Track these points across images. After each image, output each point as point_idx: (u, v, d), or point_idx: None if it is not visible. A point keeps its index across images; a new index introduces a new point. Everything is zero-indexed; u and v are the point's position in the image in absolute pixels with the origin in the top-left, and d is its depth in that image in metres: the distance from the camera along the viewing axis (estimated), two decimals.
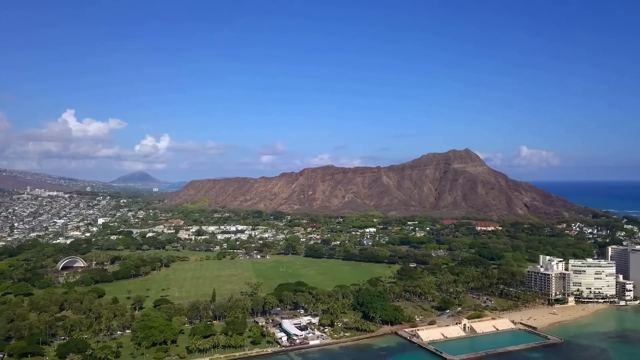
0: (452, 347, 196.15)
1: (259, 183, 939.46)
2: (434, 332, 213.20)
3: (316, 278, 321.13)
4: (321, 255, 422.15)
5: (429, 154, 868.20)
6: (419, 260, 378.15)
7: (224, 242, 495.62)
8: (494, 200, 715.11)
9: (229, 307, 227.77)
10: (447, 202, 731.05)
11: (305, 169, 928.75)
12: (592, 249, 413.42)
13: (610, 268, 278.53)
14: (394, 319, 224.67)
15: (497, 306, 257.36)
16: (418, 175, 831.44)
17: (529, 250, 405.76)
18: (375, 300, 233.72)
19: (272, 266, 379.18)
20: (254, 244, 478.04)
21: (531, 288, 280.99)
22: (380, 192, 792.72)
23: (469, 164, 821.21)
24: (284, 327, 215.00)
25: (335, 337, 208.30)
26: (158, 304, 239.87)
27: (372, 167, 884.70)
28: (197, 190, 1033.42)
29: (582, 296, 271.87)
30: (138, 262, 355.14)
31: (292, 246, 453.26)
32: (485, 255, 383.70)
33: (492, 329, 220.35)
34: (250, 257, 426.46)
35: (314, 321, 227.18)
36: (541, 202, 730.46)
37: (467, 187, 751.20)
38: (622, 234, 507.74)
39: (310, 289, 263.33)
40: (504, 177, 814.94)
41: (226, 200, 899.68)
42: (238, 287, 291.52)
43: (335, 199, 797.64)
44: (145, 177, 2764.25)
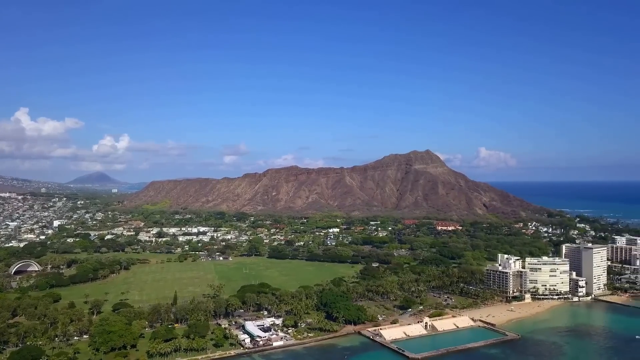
0: (414, 346, 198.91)
1: (221, 184, 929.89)
2: (397, 331, 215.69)
3: (280, 279, 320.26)
4: (285, 256, 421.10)
5: (391, 155, 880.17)
6: (381, 260, 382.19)
7: (186, 244, 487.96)
8: (454, 201, 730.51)
9: (191, 310, 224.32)
10: (409, 202, 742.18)
11: (269, 169, 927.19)
12: (548, 247, 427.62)
13: (564, 266, 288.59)
14: (357, 318, 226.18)
15: (458, 304, 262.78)
16: (380, 175, 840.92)
17: (487, 249, 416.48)
18: (339, 300, 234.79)
19: (235, 268, 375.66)
20: (217, 246, 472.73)
21: (490, 286, 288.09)
22: (344, 193, 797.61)
23: (429, 165, 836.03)
24: (247, 329, 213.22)
25: (298, 337, 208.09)
26: (117, 308, 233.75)
27: (335, 167, 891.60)
28: (157, 192, 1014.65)
29: (538, 293, 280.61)
30: (96, 265, 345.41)
31: (256, 247, 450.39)
32: (446, 255, 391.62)
33: (452, 326, 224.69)
34: (213, 259, 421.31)
35: (277, 322, 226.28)
36: (499, 202, 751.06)
37: (428, 188, 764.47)
38: (575, 232, 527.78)
39: (273, 290, 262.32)
40: (463, 178, 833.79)
41: (188, 202, 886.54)
42: (200, 289, 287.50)
43: (299, 199, 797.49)
44: (103, 178, 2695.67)
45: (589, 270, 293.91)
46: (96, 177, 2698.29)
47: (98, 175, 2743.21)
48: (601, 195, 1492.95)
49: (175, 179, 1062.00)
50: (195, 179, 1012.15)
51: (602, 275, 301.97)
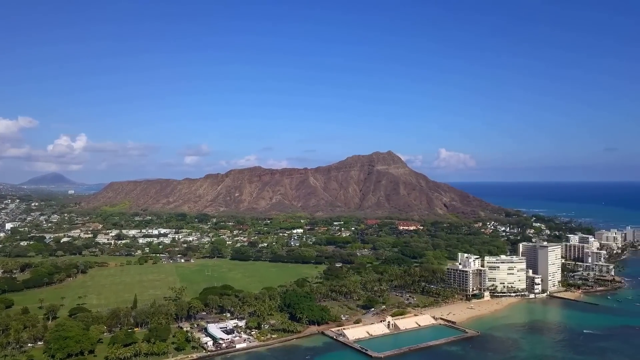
0: (377, 345, 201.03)
1: (182, 185, 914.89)
2: (360, 330, 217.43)
3: (243, 281, 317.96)
4: (248, 258, 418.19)
5: (354, 156, 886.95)
6: (344, 260, 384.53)
7: (146, 246, 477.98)
8: (416, 201, 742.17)
9: (151, 313, 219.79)
10: (371, 203, 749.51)
11: (231, 170, 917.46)
12: (505, 246, 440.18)
13: (521, 264, 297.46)
14: (320, 318, 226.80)
15: (419, 303, 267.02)
16: (344, 176, 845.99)
17: (448, 248, 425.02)
18: (302, 301, 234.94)
19: (197, 270, 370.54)
20: (178, 248, 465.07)
21: (451, 284, 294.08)
22: (308, 194, 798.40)
23: (391, 166, 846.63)
24: (209, 332, 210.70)
25: (262, 339, 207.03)
26: (74, 313, 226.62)
27: (299, 168, 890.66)
28: (116, 193, 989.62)
29: (496, 291, 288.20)
30: (51, 269, 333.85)
31: (218, 249, 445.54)
32: (408, 254, 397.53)
33: (414, 325, 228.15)
34: (174, 261, 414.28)
35: (240, 324, 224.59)
36: (459, 202, 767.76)
37: (390, 188, 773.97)
38: (532, 231, 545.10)
39: (236, 292, 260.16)
40: (424, 179, 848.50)
41: (148, 203, 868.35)
42: (161, 292, 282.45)
43: (262, 200, 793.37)
44: (59, 178, 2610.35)
45: (545, 268, 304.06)
46: (51, 178, 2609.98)
47: (53, 176, 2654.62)
48: (556, 196, 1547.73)
49: (135, 179, 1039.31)
50: (155, 179, 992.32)
51: (556, 273, 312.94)
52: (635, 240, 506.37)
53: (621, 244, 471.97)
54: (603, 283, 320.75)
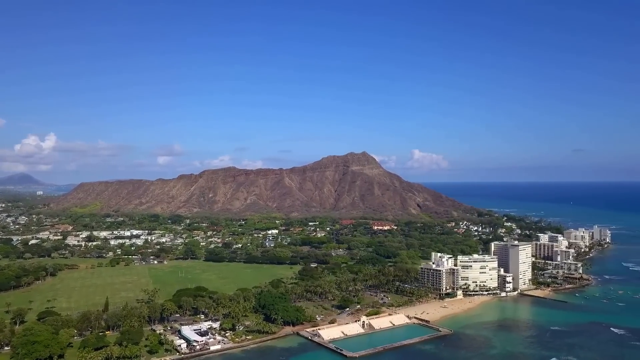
0: (352, 345, 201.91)
1: (155, 185, 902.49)
2: (335, 330, 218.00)
3: (217, 282, 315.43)
4: (222, 259, 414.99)
5: (329, 157, 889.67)
6: (319, 260, 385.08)
7: (118, 247, 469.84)
8: (390, 201, 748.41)
9: (123, 316, 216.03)
10: (346, 203, 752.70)
11: (205, 170, 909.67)
12: (478, 245, 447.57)
13: (493, 263, 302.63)
14: (295, 319, 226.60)
15: (394, 302, 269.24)
16: (319, 177, 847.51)
17: (421, 247, 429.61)
18: (277, 302, 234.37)
19: (170, 271, 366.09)
20: (151, 249, 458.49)
21: (424, 284, 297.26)
22: (283, 194, 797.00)
23: (366, 167, 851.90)
24: (183, 334, 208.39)
25: (236, 340, 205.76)
26: (43, 317, 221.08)
27: (274, 169, 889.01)
28: (87, 194, 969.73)
29: (469, 289, 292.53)
30: (19, 272, 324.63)
31: (192, 250, 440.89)
32: (382, 254, 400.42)
33: (389, 324, 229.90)
34: (147, 263, 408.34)
35: (215, 326, 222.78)
36: (432, 202, 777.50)
37: (365, 189, 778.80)
38: (503, 230, 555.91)
39: (210, 293, 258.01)
40: (398, 179, 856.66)
41: (120, 204, 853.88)
42: (134, 294, 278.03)
43: (237, 201, 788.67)
44: (27, 179, 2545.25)
45: (516, 267, 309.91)
46: (19, 178, 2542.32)
47: (21, 176, 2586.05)
48: (526, 196, 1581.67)
49: (106, 180, 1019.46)
50: (127, 180, 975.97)
51: (527, 271, 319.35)
52: (601, 239, 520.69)
53: (588, 243, 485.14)
54: (571, 281, 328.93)
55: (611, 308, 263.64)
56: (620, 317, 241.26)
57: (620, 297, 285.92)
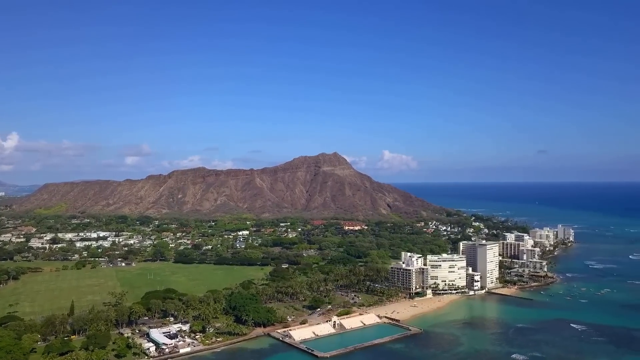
0: (323, 345, 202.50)
1: (123, 186, 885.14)
2: (306, 331, 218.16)
3: (187, 284, 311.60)
4: (192, 261, 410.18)
5: (301, 157, 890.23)
6: (290, 261, 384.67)
7: (84, 250, 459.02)
8: (360, 201, 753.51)
9: (89, 320, 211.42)
10: (318, 203, 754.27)
11: (174, 171, 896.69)
12: (447, 244, 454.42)
13: (461, 262, 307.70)
14: (266, 320, 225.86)
15: (364, 302, 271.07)
16: (290, 177, 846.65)
17: (392, 247, 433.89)
18: (248, 303, 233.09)
19: (138, 274, 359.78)
20: (118, 251, 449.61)
21: (394, 283, 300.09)
22: (254, 195, 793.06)
23: (337, 167, 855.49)
24: (152, 337, 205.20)
25: (207, 343, 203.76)
26: (4, 322, 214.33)
27: (245, 169, 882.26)
28: (52, 195, 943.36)
29: (438, 288, 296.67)
30: None
31: (161, 252, 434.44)
32: (353, 254, 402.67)
33: (359, 324, 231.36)
34: (115, 265, 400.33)
35: (184, 328, 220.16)
36: (402, 203, 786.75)
37: (336, 189, 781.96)
38: (471, 230, 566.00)
39: (180, 295, 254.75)
40: (369, 179, 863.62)
41: (86, 205, 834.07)
42: (100, 297, 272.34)
43: (207, 202, 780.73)
44: None
45: (484, 266, 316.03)
46: None
47: None
48: (493, 196, 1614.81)
49: (72, 181, 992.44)
50: (94, 181, 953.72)
51: (494, 270, 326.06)
52: (565, 238, 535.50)
53: (553, 242, 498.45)
54: (537, 279, 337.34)
55: (574, 305, 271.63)
56: (582, 314, 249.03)
57: (582, 294, 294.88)
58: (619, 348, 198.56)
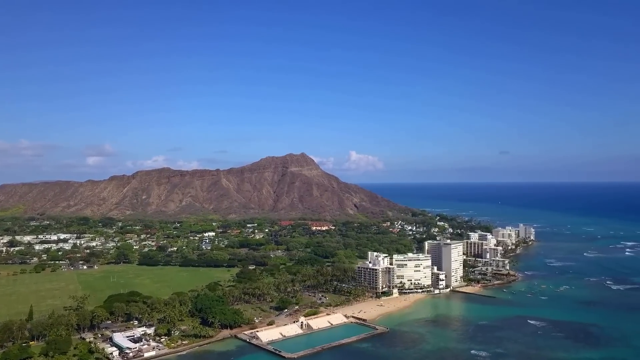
0: (290, 345, 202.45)
1: (85, 187, 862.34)
2: (273, 332, 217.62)
3: (151, 286, 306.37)
4: (157, 263, 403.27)
5: (268, 158, 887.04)
6: (258, 262, 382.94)
7: (44, 253, 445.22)
8: (328, 202, 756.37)
9: (49, 325, 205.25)
10: (285, 204, 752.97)
11: (138, 171, 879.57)
12: (412, 244, 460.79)
13: (427, 261, 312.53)
14: (233, 322, 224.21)
15: (332, 302, 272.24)
16: (257, 178, 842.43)
17: (358, 247, 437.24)
18: (215, 305, 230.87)
19: (101, 277, 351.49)
20: (80, 254, 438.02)
21: (361, 283, 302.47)
22: (220, 196, 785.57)
23: (305, 168, 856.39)
24: (115, 341, 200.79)
25: (172, 346, 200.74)
26: None
27: (211, 170, 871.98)
28: (8, 196, 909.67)
29: (404, 288, 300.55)
30: None
31: (124, 254, 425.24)
32: (320, 254, 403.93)
33: (327, 324, 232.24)
34: (76, 269, 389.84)
35: (149, 332, 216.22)
36: (369, 203, 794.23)
37: (304, 190, 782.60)
38: (436, 230, 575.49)
39: (144, 298, 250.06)
40: (336, 180, 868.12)
41: (46, 207, 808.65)
42: (61, 301, 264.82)
43: (172, 203, 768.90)
44: None
45: (448, 265, 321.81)
46: None
47: None
48: (457, 196, 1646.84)
49: (30, 182, 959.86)
50: (54, 181, 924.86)
51: (459, 269, 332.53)
52: (526, 237, 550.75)
53: (515, 240, 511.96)
54: (500, 277, 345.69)
55: (535, 302, 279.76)
56: (542, 311, 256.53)
57: (543, 292, 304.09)
58: (576, 343, 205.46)
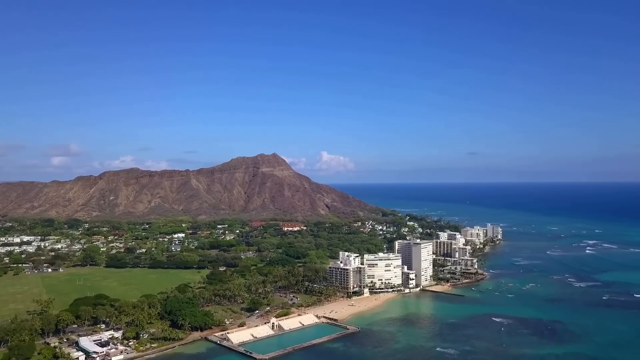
0: (261, 347, 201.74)
1: (49, 188, 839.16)
2: (244, 333, 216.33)
3: (119, 289, 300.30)
4: (125, 265, 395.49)
5: (239, 158, 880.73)
6: (228, 263, 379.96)
7: (5, 255, 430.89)
8: (299, 202, 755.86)
9: (12, 330, 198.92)
10: (256, 205, 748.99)
11: (105, 172, 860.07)
12: (383, 244, 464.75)
13: (397, 260, 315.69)
14: (204, 324, 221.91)
15: (303, 302, 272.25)
16: (228, 178, 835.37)
17: (330, 247, 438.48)
18: (184, 307, 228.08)
19: (66, 280, 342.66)
20: (44, 257, 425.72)
21: (333, 283, 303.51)
22: (190, 196, 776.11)
23: (276, 168, 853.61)
24: (81, 346, 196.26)
25: (140, 349, 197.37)
26: None
27: (180, 170, 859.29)
28: None
29: (375, 287, 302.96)
30: None
31: (91, 257, 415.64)
32: (292, 255, 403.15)
33: (298, 324, 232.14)
34: (40, 272, 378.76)
35: (117, 335, 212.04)
36: (340, 203, 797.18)
37: (275, 190, 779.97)
38: (406, 229, 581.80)
39: (112, 301, 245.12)
40: (307, 180, 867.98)
41: (8, 208, 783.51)
42: (24, 305, 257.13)
43: (140, 204, 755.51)
44: None
45: (418, 264, 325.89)
46: None
47: None
48: (426, 196, 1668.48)
49: None
50: (17, 182, 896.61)
51: (428, 268, 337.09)
52: (494, 236, 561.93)
53: (483, 240, 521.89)
54: (468, 276, 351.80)
55: (502, 300, 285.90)
56: (510, 308, 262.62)
57: (510, 290, 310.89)
58: (542, 339, 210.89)
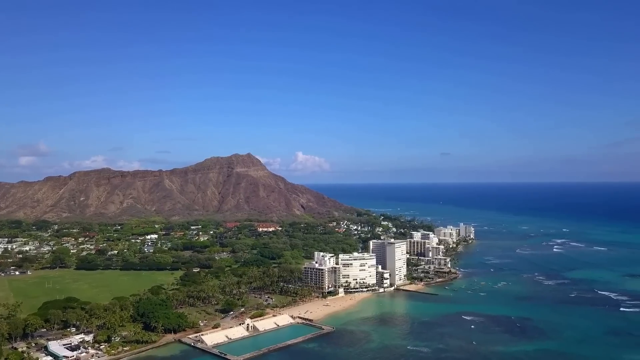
0: (236, 348, 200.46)
1: (17, 188, 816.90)
2: (218, 335, 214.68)
3: (90, 292, 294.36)
4: (96, 267, 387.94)
5: (213, 158, 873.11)
6: (202, 265, 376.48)
7: None
8: (275, 202, 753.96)
9: None
10: (231, 205, 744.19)
11: (76, 172, 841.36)
12: (357, 243, 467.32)
13: (372, 260, 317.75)
14: (177, 326, 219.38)
15: (278, 303, 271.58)
16: (202, 179, 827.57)
17: (305, 247, 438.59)
18: (158, 309, 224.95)
19: (35, 283, 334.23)
20: (12, 259, 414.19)
21: (308, 283, 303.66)
22: (163, 197, 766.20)
23: (251, 168, 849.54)
24: (50, 350, 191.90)
25: (112, 353, 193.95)
26: None
27: (153, 170, 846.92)
28: None
29: (350, 287, 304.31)
30: None
31: (61, 259, 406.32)
32: (267, 255, 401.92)
33: (273, 325, 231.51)
34: (7, 274, 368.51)
35: (87, 339, 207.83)
36: (315, 203, 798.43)
37: (250, 190, 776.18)
38: (380, 229, 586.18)
39: (83, 304, 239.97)
40: (283, 181, 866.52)
41: None
42: None
43: (112, 205, 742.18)
44: None
45: (392, 263, 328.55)
46: None
47: None
48: (400, 196, 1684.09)
49: None
50: None
51: (402, 267, 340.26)
52: (467, 235, 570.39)
53: (456, 239, 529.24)
54: (442, 275, 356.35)
55: (475, 298, 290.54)
56: (482, 306, 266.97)
57: (482, 288, 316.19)
58: (513, 337, 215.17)
